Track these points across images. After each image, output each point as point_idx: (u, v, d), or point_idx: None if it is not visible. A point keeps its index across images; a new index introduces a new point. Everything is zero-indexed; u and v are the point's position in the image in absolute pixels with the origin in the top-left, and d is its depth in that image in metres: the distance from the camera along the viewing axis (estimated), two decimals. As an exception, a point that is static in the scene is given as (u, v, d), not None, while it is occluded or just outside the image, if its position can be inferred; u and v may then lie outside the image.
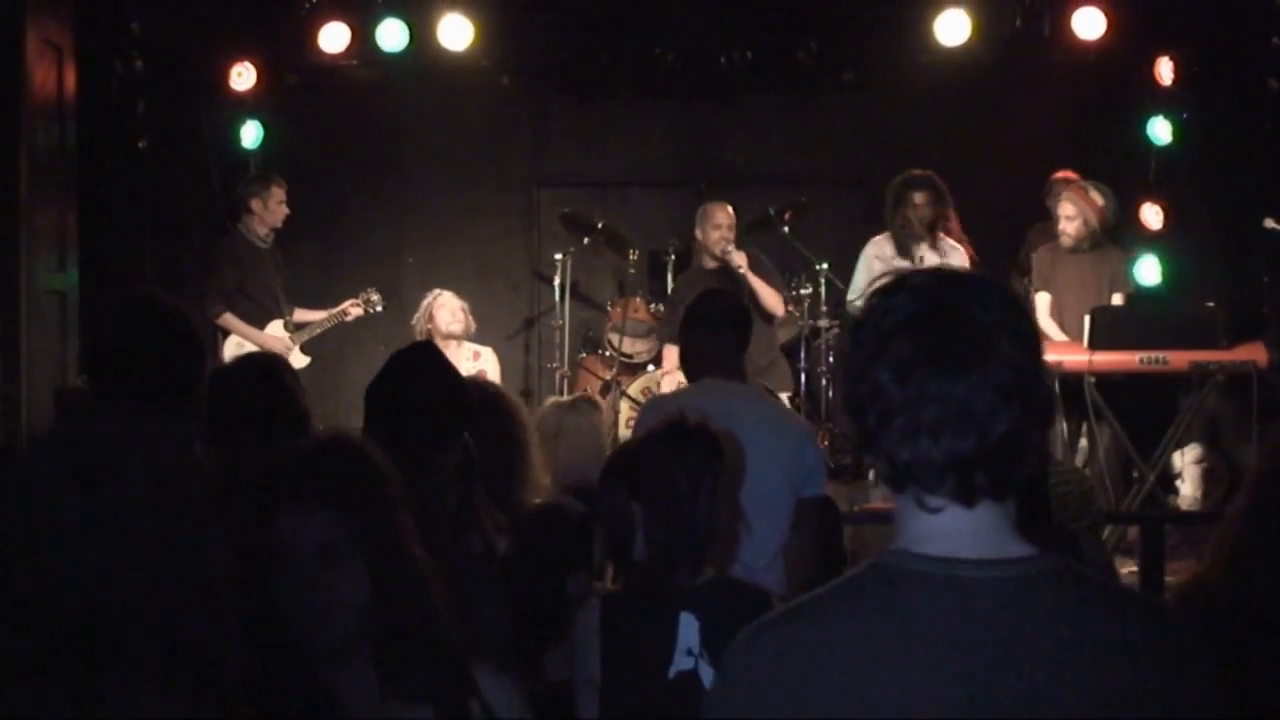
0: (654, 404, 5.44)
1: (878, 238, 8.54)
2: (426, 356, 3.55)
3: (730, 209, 8.84)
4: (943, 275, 1.81)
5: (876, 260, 8.43)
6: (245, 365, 4.28)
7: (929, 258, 8.28)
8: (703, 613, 3.34)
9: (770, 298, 8.59)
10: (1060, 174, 9.28)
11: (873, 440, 1.78)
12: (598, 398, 7.84)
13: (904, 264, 8.29)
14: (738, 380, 4.98)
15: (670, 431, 3.48)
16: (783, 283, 8.97)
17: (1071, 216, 8.51)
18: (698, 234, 8.84)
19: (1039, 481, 4.11)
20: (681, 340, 5.21)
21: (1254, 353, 8.04)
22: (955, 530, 1.76)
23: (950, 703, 1.69)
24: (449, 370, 3.51)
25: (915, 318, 1.74)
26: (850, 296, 8.66)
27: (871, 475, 8.14)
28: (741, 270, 8.50)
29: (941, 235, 8.41)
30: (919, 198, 8.30)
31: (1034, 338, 1.78)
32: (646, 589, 3.40)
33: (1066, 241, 8.56)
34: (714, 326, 4.99)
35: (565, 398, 7.10)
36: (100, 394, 3.50)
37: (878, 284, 1.84)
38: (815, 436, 4.92)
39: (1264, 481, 2.83)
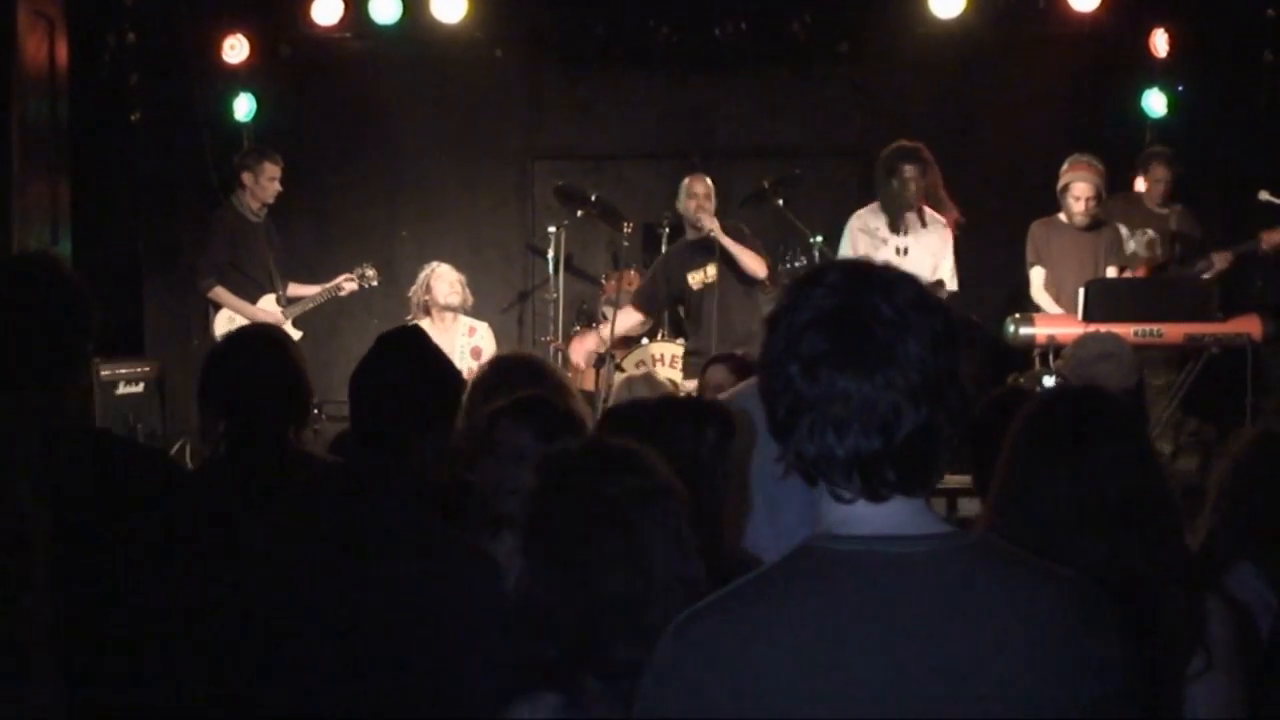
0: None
1: (862, 210, 8.55)
2: (412, 338, 3.56)
3: (708, 180, 8.78)
4: (858, 272, 1.82)
5: (861, 234, 8.45)
6: (250, 338, 4.22)
7: (915, 230, 8.35)
8: None
9: (750, 260, 8.49)
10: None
11: (782, 432, 1.81)
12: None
13: (885, 235, 8.36)
14: None
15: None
16: (764, 249, 8.89)
17: (1089, 197, 8.56)
18: (679, 208, 8.83)
19: None
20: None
21: (1249, 325, 8.06)
22: (872, 516, 1.80)
23: (884, 676, 1.71)
24: (434, 352, 3.51)
25: (827, 315, 1.77)
26: None
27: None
28: (712, 233, 8.40)
29: (927, 208, 8.43)
30: (909, 170, 8.32)
31: (948, 338, 1.80)
32: None
33: (1080, 220, 8.60)
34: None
35: (633, 373, 7.08)
36: None
37: (796, 274, 1.87)
38: None
39: (1240, 468, 2.84)
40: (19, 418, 2.91)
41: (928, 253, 8.42)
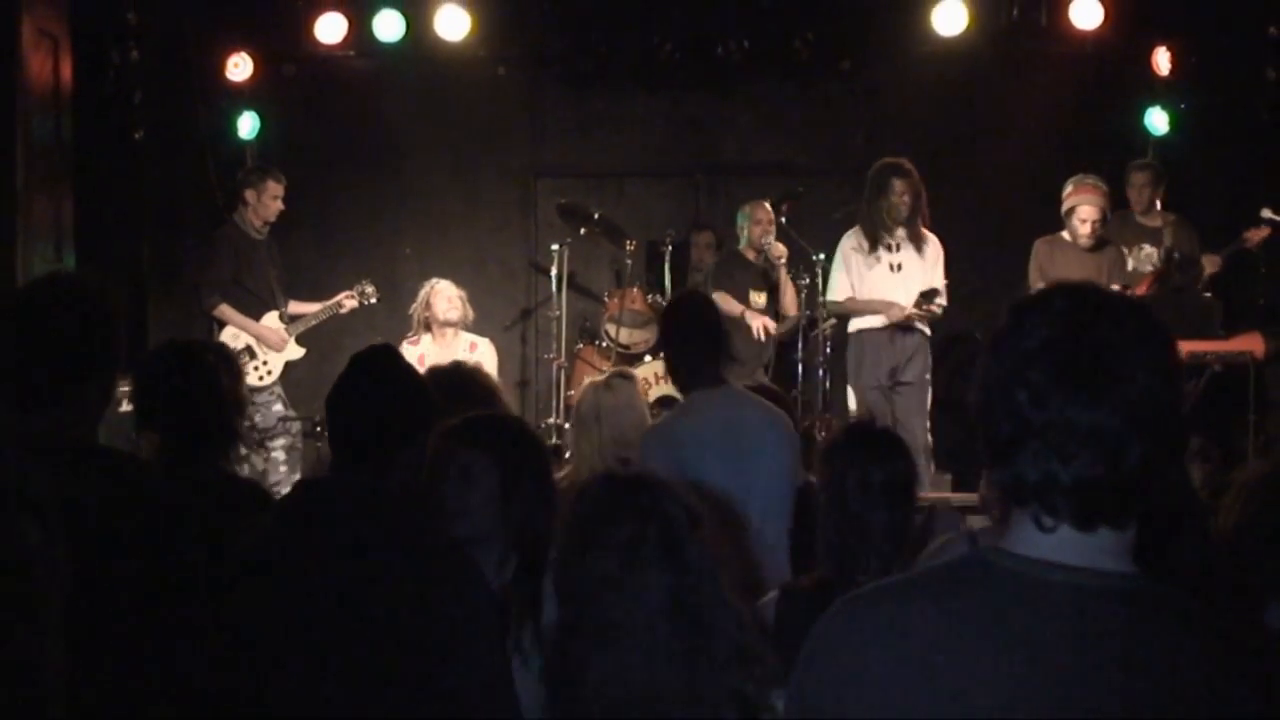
0: (654, 435, 5.11)
1: (851, 231, 8.67)
2: (383, 357, 3.60)
3: (768, 205, 9.39)
4: (1083, 298, 1.81)
5: (854, 253, 8.54)
6: (167, 354, 4.23)
7: (905, 246, 8.41)
8: None
9: (791, 298, 9.16)
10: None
11: (1003, 457, 1.80)
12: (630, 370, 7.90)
13: (879, 254, 8.39)
14: (723, 385, 5.03)
15: (849, 436, 3.52)
16: (799, 287, 9.36)
17: (1096, 220, 8.57)
18: (740, 231, 9.49)
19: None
20: (667, 351, 5.26)
21: (1251, 343, 8.07)
22: (1061, 543, 1.78)
23: (1016, 701, 1.72)
24: (406, 369, 3.54)
25: (1054, 342, 1.76)
26: (829, 295, 8.74)
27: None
28: (781, 261, 9.06)
29: (920, 226, 8.47)
30: (899, 185, 8.38)
31: (1172, 366, 1.79)
32: (825, 587, 3.41)
33: (1085, 243, 8.62)
34: (696, 335, 5.06)
35: (600, 377, 7.10)
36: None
37: (1021, 300, 1.86)
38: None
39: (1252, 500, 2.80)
40: (23, 437, 2.93)
41: (921, 269, 8.46)
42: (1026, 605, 1.76)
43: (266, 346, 8.95)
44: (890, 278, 8.46)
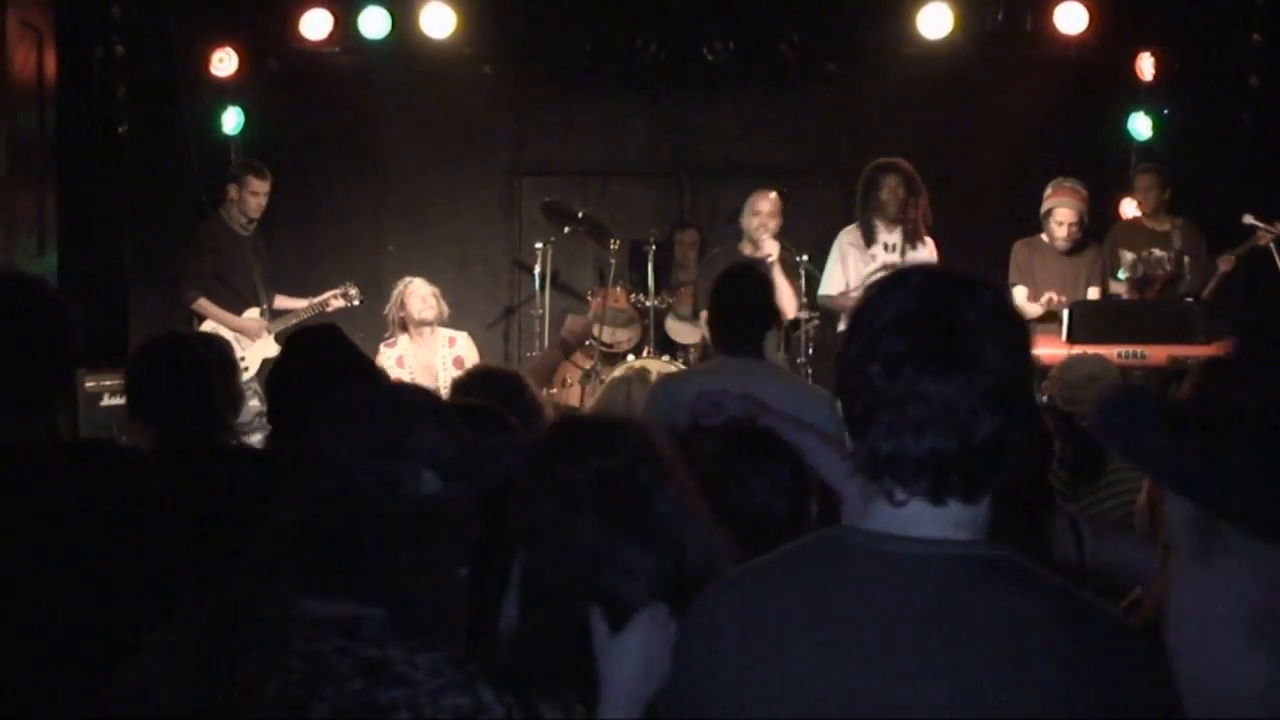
0: (664, 386, 5.44)
1: (849, 227, 8.62)
2: (324, 335, 3.63)
3: (774, 196, 8.83)
4: (939, 275, 1.85)
5: (851, 248, 8.48)
6: (158, 345, 4.22)
7: (902, 247, 8.37)
8: None
9: (787, 298, 8.47)
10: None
11: (857, 430, 1.82)
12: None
13: (875, 252, 8.38)
14: (756, 359, 5.03)
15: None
16: (800, 288, 8.93)
17: (1073, 222, 8.59)
18: (742, 223, 8.90)
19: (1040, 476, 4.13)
20: (709, 313, 5.22)
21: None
22: (912, 517, 1.80)
23: (858, 669, 1.74)
24: (346, 347, 3.58)
25: (908, 316, 1.78)
26: (822, 290, 8.70)
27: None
28: (770, 260, 8.49)
29: (918, 225, 8.43)
30: (891, 181, 8.36)
31: (1024, 344, 1.82)
32: None
33: (1062, 245, 8.65)
34: (741, 306, 5.05)
35: (619, 373, 6.92)
36: None
37: (876, 278, 1.90)
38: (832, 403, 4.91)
39: None
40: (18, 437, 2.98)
41: None
42: (877, 579, 1.78)
43: (245, 338, 8.95)
44: None
